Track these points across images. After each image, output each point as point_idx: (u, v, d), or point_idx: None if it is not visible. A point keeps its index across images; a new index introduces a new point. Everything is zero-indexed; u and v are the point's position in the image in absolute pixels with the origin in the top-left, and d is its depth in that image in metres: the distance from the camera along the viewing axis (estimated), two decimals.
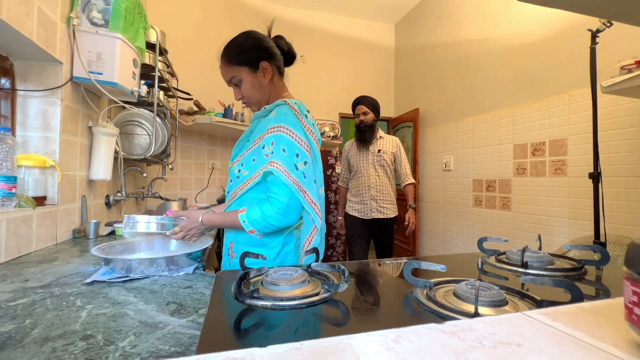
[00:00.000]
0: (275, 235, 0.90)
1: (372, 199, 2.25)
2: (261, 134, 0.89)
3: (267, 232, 0.85)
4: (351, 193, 2.38)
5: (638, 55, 1.37)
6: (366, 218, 2.27)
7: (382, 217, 2.25)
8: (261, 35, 0.96)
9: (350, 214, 2.34)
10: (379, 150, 2.27)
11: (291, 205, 0.83)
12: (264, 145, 0.87)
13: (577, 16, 1.88)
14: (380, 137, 2.32)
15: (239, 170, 0.93)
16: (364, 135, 2.28)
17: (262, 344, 0.29)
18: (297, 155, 0.85)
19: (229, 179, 0.99)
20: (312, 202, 0.86)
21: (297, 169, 0.84)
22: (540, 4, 0.74)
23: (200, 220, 0.89)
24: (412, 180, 2.31)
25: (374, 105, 2.30)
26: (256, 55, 0.92)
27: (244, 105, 0.99)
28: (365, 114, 2.28)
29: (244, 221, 0.84)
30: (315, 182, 0.88)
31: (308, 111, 0.94)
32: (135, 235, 0.97)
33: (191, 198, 2.87)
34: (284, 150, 0.84)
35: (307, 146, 0.87)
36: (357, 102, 2.35)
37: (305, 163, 0.86)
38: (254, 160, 0.90)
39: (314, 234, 0.89)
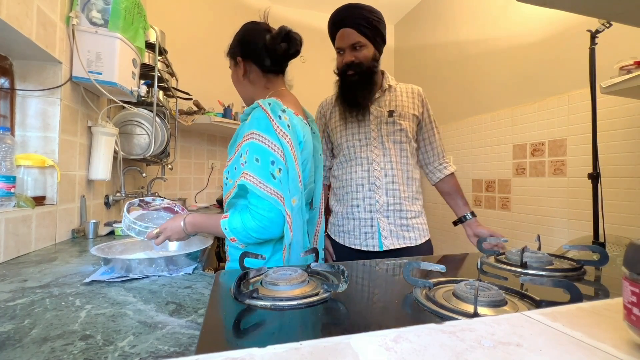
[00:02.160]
0: (263, 243, 0.84)
1: (379, 211, 1.15)
2: (240, 140, 0.84)
3: (248, 242, 0.80)
4: (335, 197, 1.28)
5: (637, 55, 1.37)
6: (364, 249, 1.17)
7: (401, 245, 1.15)
8: (252, 28, 0.92)
9: (336, 240, 1.25)
10: (391, 112, 1.19)
11: (273, 218, 0.77)
12: (241, 154, 0.81)
13: (577, 17, 1.88)
14: (390, 86, 1.23)
15: (227, 177, 0.89)
16: (355, 92, 1.17)
17: (261, 344, 0.29)
18: (273, 163, 0.78)
19: (222, 184, 0.96)
20: (287, 212, 0.78)
21: (274, 178, 0.77)
22: (540, 4, 0.74)
23: (182, 225, 0.84)
24: (454, 167, 1.28)
25: (373, 26, 1.13)
26: (236, 50, 0.91)
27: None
28: (356, 47, 1.14)
29: (226, 228, 0.79)
30: (289, 191, 0.79)
31: (283, 110, 0.83)
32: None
33: (190, 198, 2.87)
34: (257, 160, 0.77)
35: (281, 152, 0.79)
36: (338, 21, 1.16)
37: (279, 170, 0.78)
38: (235, 168, 0.84)
39: (285, 252, 0.80)
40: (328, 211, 1.33)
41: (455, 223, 1.26)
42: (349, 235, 1.21)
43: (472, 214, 1.22)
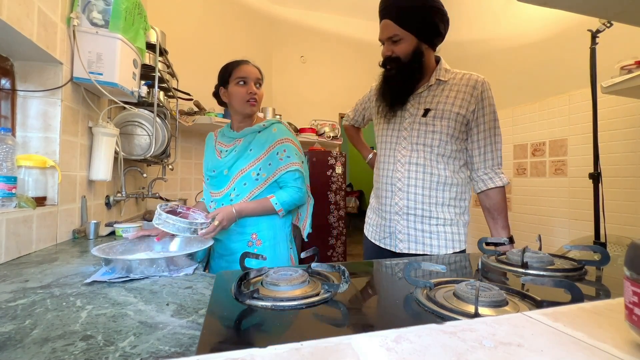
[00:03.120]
0: (288, 214, 1.23)
1: (397, 213, 1.12)
2: (271, 144, 1.16)
3: (289, 210, 1.18)
4: (373, 191, 1.30)
5: (638, 55, 1.37)
6: (385, 247, 1.17)
7: (418, 252, 1.10)
8: None
9: (366, 235, 1.27)
10: (426, 112, 1.09)
11: (305, 190, 1.20)
12: (277, 152, 1.15)
13: (577, 17, 1.88)
14: (438, 80, 1.11)
15: (257, 174, 1.15)
16: (390, 89, 1.13)
17: (262, 344, 0.29)
18: (299, 157, 1.20)
19: (241, 182, 1.15)
20: (308, 186, 1.26)
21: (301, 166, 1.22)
22: (540, 4, 0.74)
23: (234, 212, 1.05)
24: (504, 180, 1.11)
25: (416, 15, 1.03)
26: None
27: (249, 102, 1.16)
28: (394, 40, 1.06)
29: (277, 203, 1.12)
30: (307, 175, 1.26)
31: None
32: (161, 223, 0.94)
33: (191, 198, 2.87)
34: (296, 155, 1.18)
35: (302, 151, 1.24)
36: (380, 12, 1.08)
37: (302, 163, 1.21)
38: (270, 164, 1.15)
39: (309, 203, 1.29)
40: None
41: (487, 244, 1.08)
42: (372, 229, 1.24)
43: (511, 239, 1.01)
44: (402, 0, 1.04)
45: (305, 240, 1.28)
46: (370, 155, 1.41)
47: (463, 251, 1.11)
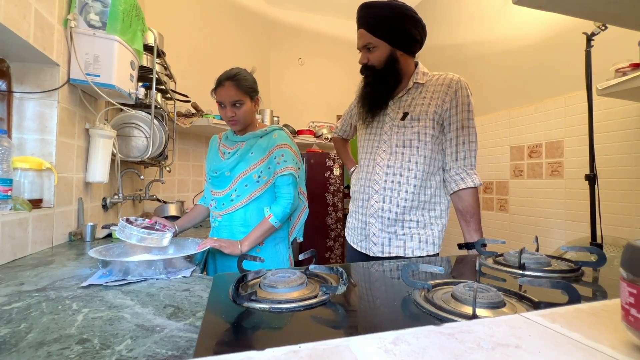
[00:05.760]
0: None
1: (372, 216, 1.13)
2: (271, 149, 1.19)
3: (284, 221, 1.18)
4: (351, 196, 1.30)
5: (633, 58, 1.38)
6: (361, 251, 1.18)
7: (392, 254, 1.10)
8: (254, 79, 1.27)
9: (346, 238, 1.28)
10: (405, 115, 1.10)
11: (295, 196, 1.19)
12: (275, 157, 1.19)
13: (573, 20, 1.90)
14: (416, 84, 1.12)
15: (259, 176, 1.18)
16: (370, 92, 1.15)
17: (260, 347, 0.29)
18: (296, 164, 1.22)
19: (243, 184, 1.18)
20: (303, 192, 1.31)
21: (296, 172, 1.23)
22: (536, 7, 0.75)
23: (239, 247, 1.08)
24: (475, 181, 1.07)
25: (387, 24, 1.06)
26: (255, 91, 1.22)
27: (230, 122, 1.19)
28: (368, 47, 1.09)
29: (276, 222, 1.13)
30: (302, 180, 1.31)
31: None
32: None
33: (189, 200, 2.86)
34: (293, 160, 1.20)
35: (299, 158, 1.26)
36: (356, 22, 1.11)
37: (298, 169, 1.23)
38: (269, 168, 1.19)
39: (303, 212, 1.32)
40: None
41: (460, 246, 1.09)
42: (350, 233, 1.26)
43: (469, 245, 1.07)
44: (375, 10, 1.06)
45: (299, 241, 1.33)
46: (353, 169, 1.36)
47: (436, 254, 1.10)
